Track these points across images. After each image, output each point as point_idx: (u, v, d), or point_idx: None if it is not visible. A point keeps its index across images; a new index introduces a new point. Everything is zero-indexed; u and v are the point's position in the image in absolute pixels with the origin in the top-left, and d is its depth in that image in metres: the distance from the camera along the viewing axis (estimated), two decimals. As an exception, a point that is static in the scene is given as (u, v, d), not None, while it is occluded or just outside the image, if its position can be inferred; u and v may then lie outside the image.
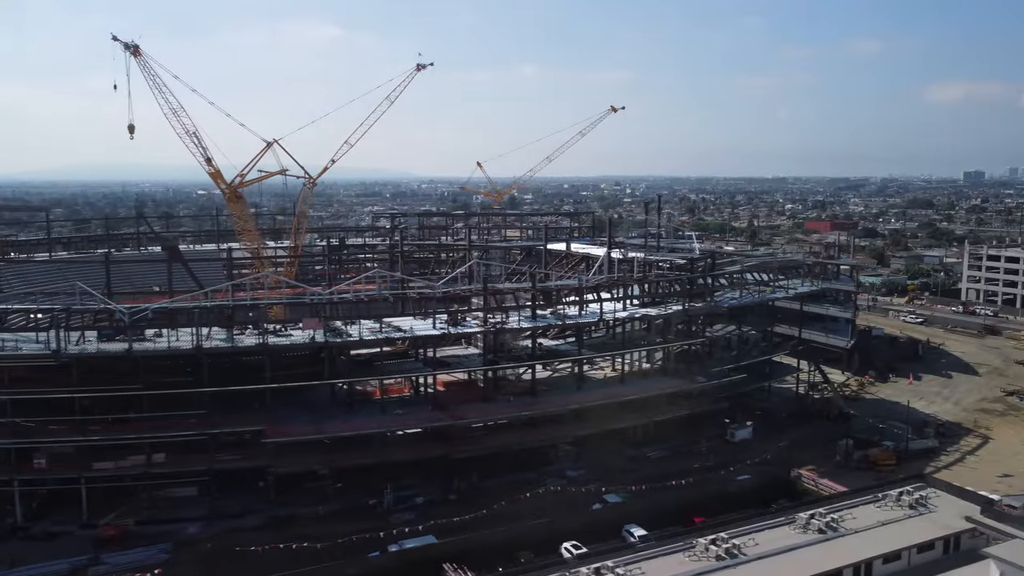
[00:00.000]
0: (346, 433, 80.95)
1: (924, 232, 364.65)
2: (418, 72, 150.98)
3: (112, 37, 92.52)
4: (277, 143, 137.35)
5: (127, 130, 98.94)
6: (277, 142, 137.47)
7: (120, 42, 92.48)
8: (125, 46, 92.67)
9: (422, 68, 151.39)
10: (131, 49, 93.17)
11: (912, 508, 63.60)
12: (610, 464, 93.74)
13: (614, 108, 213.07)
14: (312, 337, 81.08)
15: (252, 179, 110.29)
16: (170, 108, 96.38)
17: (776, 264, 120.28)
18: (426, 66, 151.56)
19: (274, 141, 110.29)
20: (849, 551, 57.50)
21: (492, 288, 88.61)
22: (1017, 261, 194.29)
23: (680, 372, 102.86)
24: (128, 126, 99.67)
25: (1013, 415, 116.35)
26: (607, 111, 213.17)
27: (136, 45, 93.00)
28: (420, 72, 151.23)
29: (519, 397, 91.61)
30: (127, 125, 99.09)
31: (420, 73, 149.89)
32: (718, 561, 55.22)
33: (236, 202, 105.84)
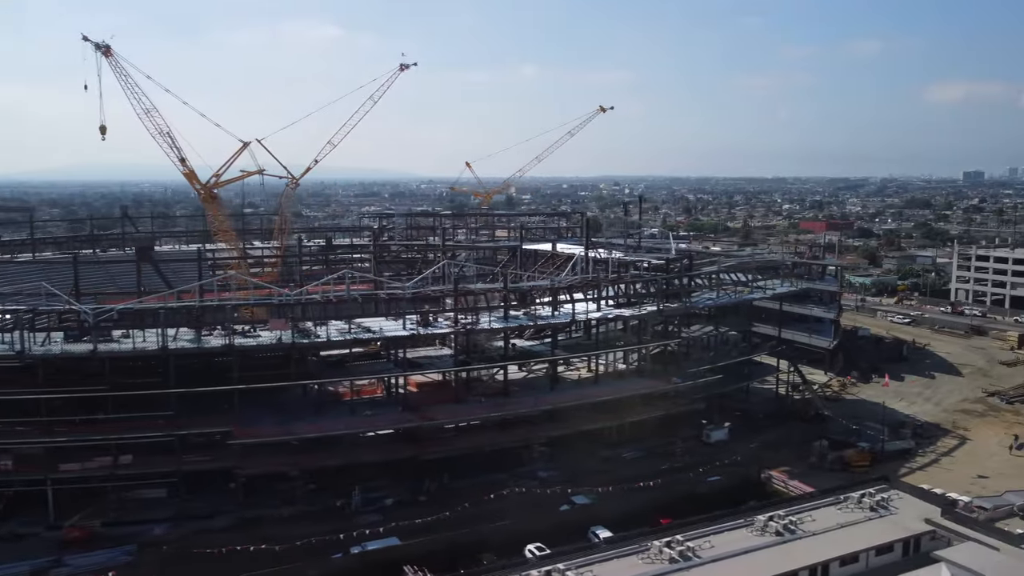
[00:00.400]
0: (313, 434, 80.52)
1: (919, 232, 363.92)
2: (401, 72, 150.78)
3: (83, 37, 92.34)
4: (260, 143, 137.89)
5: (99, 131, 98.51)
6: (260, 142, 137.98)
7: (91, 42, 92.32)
8: (96, 46, 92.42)
9: (405, 68, 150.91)
10: (102, 49, 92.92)
11: (873, 510, 63.25)
12: (584, 465, 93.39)
13: (603, 108, 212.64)
14: (279, 338, 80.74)
15: (228, 179, 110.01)
16: (143, 108, 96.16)
17: (754, 264, 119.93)
18: (409, 66, 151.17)
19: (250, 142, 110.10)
20: (805, 553, 57.17)
21: (463, 289, 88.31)
22: (1006, 261, 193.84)
23: (655, 373, 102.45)
24: (100, 127, 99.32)
25: (993, 416, 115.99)
26: (596, 111, 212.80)
27: (107, 45, 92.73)
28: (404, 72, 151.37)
29: (491, 398, 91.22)
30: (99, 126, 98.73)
31: (404, 73, 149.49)
32: (671, 564, 54.93)
33: (211, 202, 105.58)
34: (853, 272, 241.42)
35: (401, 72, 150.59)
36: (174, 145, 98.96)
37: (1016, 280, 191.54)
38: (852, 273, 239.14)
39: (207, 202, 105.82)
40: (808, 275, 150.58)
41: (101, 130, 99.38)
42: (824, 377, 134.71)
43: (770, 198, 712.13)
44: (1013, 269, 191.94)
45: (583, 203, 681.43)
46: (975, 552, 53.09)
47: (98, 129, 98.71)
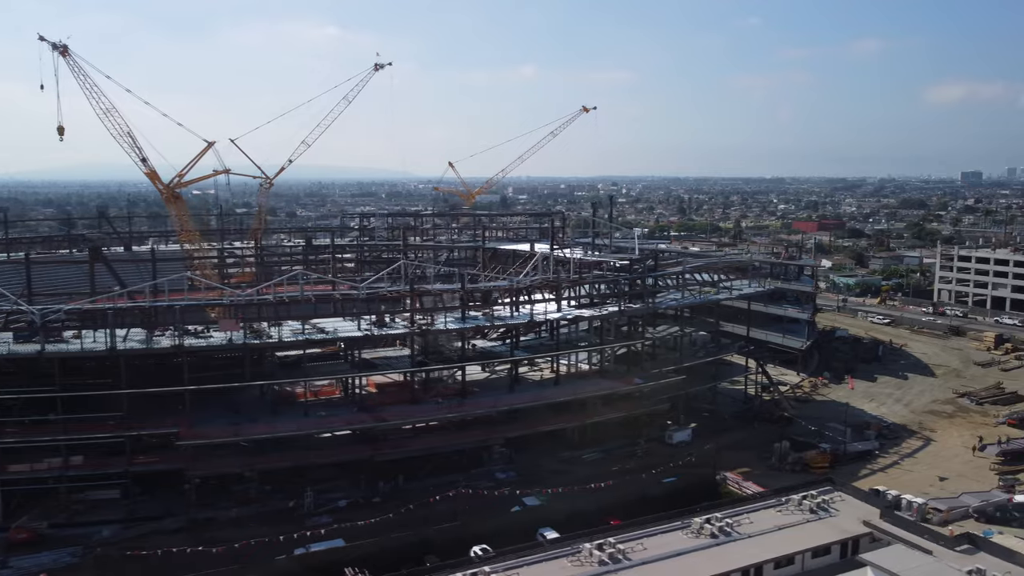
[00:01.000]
0: (263, 435, 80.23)
1: (909, 233, 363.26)
2: (376, 71, 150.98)
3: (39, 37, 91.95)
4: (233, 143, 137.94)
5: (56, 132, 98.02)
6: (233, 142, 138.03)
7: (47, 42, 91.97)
8: (53, 46, 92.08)
9: (380, 68, 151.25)
10: (59, 49, 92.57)
11: (813, 512, 62.86)
12: (543, 466, 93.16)
13: (586, 108, 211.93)
14: (230, 339, 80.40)
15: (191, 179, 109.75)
16: (102, 109, 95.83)
17: (721, 265, 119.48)
18: (383, 66, 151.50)
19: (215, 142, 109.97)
20: (739, 556, 56.78)
21: (419, 289, 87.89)
22: (987, 262, 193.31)
23: (617, 374, 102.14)
24: (57, 128, 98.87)
25: (961, 417, 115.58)
26: (579, 111, 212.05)
27: (65, 45, 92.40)
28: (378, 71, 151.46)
29: (449, 399, 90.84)
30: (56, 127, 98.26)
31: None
32: (600, 566, 54.56)
33: (174, 203, 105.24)
34: (838, 272, 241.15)
35: (376, 71, 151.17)
36: (135, 145, 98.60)
37: (997, 281, 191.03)
38: (837, 273, 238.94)
39: (170, 202, 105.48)
40: (784, 275, 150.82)
41: (59, 131, 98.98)
42: (797, 378, 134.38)
43: (766, 198, 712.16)
44: (994, 270, 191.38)
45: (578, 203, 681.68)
46: (902, 555, 52.73)
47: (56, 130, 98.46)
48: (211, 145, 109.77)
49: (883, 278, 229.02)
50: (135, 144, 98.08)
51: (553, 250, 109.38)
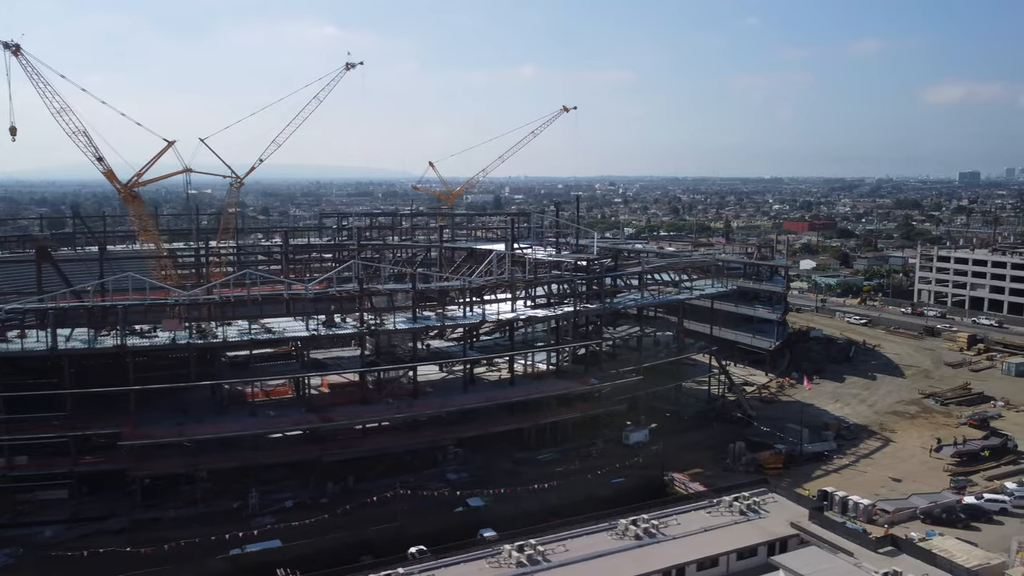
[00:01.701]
0: (207, 436, 80.00)
1: (899, 233, 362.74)
2: (347, 71, 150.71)
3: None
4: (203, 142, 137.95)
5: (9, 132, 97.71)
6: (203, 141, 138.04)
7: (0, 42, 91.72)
8: (5, 45, 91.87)
9: (352, 67, 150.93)
10: (12, 48, 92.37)
11: (742, 514, 62.75)
12: (497, 467, 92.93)
13: (566, 108, 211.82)
14: (173, 339, 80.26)
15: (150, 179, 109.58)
16: (55, 108, 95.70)
17: (683, 265, 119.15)
18: (355, 65, 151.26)
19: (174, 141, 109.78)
20: (661, 557, 56.73)
21: (369, 290, 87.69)
22: (966, 262, 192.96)
23: (575, 374, 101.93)
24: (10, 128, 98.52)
25: (924, 418, 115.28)
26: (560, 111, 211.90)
27: (17, 44, 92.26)
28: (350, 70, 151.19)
29: (400, 399, 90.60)
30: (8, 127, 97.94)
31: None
32: (518, 567, 54.49)
33: (132, 202, 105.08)
34: (821, 273, 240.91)
35: (347, 71, 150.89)
36: (90, 144, 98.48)
37: (976, 281, 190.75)
38: (819, 274, 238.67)
39: (128, 201, 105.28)
40: (756, 276, 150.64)
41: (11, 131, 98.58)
42: (765, 378, 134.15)
43: (762, 198, 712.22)
44: (973, 270, 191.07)
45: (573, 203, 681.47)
46: (814, 558, 52.61)
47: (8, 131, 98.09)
48: (171, 144, 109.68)
49: (865, 278, 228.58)
50: (90, 143, 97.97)
51: (513, 250, 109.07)
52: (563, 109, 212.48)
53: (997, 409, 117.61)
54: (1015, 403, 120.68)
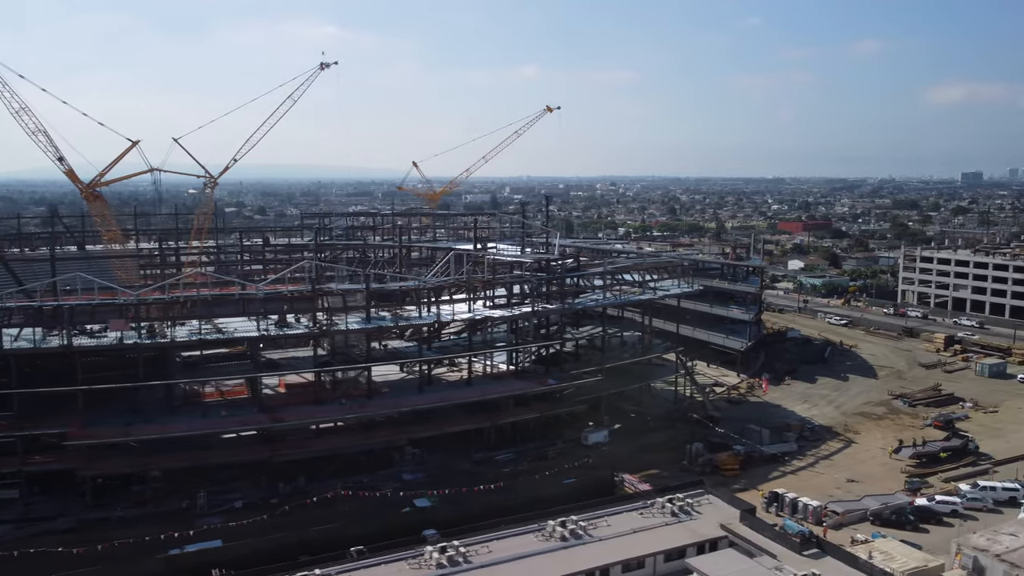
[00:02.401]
0: (154, 436, 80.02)
1: (892, 233, 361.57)
2: (321, 71, 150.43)
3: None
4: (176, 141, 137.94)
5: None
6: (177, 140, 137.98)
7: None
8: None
9: (325, 67, 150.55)
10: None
11: (674, 515, 62.46)
12: (453, 467, 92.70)
13: (550, 108, 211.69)
14: (121, 339, 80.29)
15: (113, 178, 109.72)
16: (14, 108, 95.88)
17: (647, 265, 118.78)
18: (329, 65, 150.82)
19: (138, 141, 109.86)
20: (585, 558, 56.50)
21: (321, 289, 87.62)
22: (948, 263, 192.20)
23: (535, 374, 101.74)
24: None
25: (890, 419, 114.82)
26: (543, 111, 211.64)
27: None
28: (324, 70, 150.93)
29: (355, 400, 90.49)
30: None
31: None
32: (438, 569, 54.30)
33: (94, 201, 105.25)
34: (806, 274, 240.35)
35: (321, 71, 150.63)
36: (51, 144, 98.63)
37: (958, 282, 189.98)
38: (805, 274, 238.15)
39: (90, 201, 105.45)
40: (732, 276, 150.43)
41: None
42: (736, 378, 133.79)
43: (762, 199, 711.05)
44: (955, 271, 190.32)
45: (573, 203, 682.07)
46: (728, 560, 52.36)
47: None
48: (135, 144, 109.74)
49: (851, 279, 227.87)
50: (50, 142, 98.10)
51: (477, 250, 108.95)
52: (546, 109, 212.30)
53: (964, 411, 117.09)
54: (983, 404, 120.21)
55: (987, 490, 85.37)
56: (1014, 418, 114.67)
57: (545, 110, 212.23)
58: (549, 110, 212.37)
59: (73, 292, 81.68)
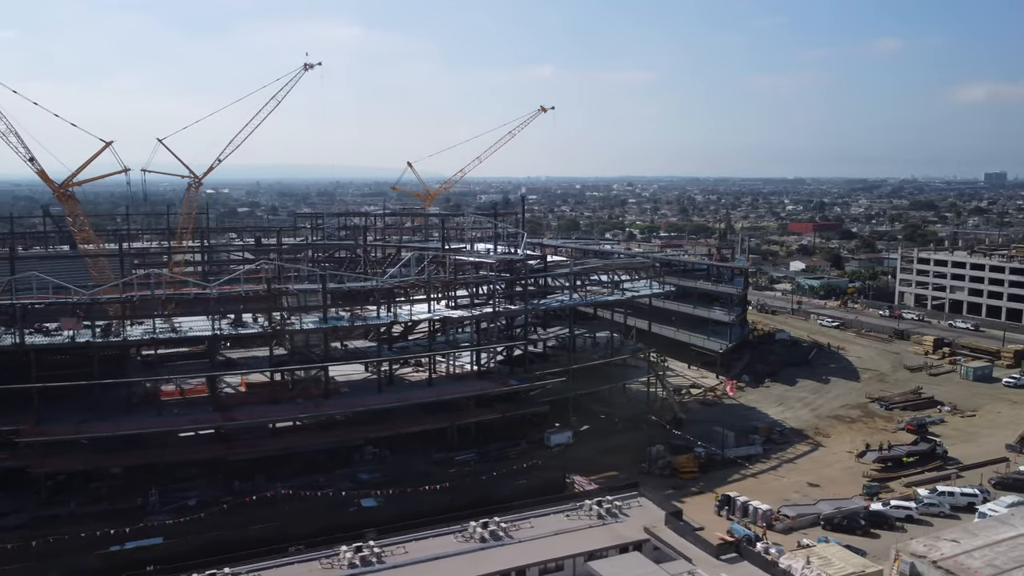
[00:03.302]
0: (106, 433, 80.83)
1: (902, 234, 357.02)
2: (305, 72, 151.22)
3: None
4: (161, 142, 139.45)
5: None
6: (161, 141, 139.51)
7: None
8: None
9: (309, 68, 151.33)
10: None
11: (600, 517, 62.10)
12: (412, 467, 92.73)
13: (544, 108, 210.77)
14: (73, 337, 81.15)
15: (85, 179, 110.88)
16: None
17: (615, 266, 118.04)
18: (313, 66, 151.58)
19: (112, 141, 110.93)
20: (501, 560, 56.29)
21: (276, 289, 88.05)
22: (945, 264, 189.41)
23: (499, 375, 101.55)
24: None
25: (863, 422, 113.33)
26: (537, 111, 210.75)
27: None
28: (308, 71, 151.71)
29: (313, 399, 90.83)
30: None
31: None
32: (349, 569, 54.37)
33: (67, 202, 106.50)
34: (805, 275, 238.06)
35: (305, 71, 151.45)
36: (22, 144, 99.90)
37: (955, 284, 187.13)
38: (804, 276, 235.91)
39: (63, 201, 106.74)
40: (716, 277, 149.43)
41: None
42: (715, 380, 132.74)
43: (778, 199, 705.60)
44: (952, 272, 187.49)
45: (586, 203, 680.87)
46: (630, 564, 51.99)
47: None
48: (108, 144, 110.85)
49: (850, 280, 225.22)
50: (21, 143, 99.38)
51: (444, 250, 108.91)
52: (540, 109, 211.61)
53: (941, 414, 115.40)
54: (962, 408, 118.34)
55: (945, 495, 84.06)
56: (991, 422, 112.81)
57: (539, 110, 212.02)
58: (543, 110, 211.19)
59: (28, 291, 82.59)
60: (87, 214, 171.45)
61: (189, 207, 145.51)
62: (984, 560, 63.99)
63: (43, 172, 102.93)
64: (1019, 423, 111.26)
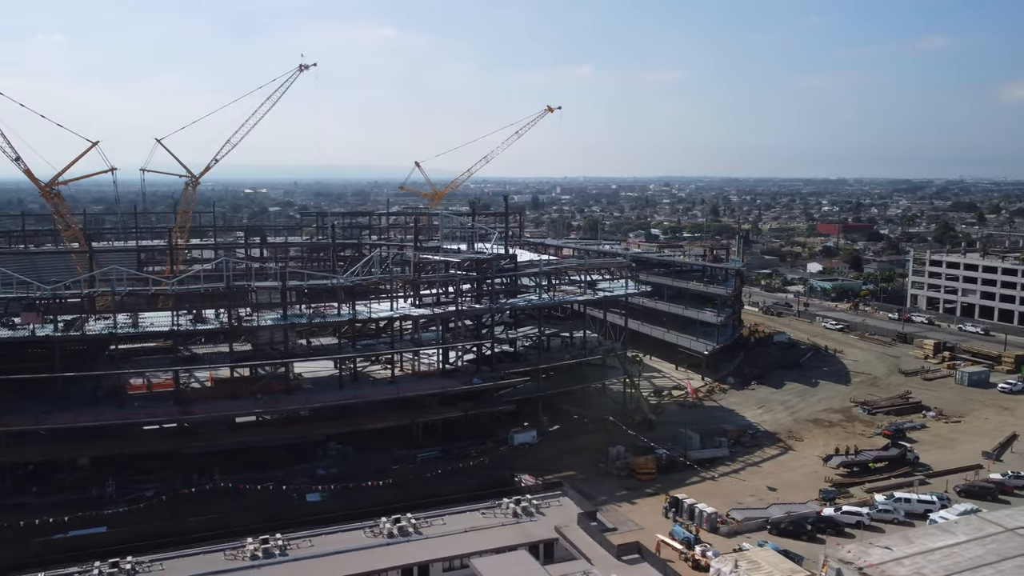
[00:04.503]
0: (64, 425, 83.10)
1: (932, 235, 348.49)
2: (300, 72, 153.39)
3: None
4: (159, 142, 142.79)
5: None
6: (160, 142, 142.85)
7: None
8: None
9: (304, 68, 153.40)
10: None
11: (515, 516, 62.14)
12: (372, 464, 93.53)
13: (550, 108, 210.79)
14: (33, 331, 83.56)
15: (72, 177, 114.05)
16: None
17: (587, 266, 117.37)
18: (308, 67, 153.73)
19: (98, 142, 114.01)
20: (407, 555, 56.68)
21: (236, 287, 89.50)
22: (957, 267, 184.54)
23: (464, 373, 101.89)
24: None
25: (841, 426, 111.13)
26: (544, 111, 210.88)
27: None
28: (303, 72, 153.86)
29: (273, 395, 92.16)
30: None
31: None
32: (252, 560, 55.20)
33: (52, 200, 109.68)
34: (818, 277, 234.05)
35: (300, 72, 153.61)
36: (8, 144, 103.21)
37: (967, 287, 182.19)
38: (817, 278, 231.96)
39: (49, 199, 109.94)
40: (710, 278, 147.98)
41: None
42: (700, 382, 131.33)
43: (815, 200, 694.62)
44: (964, 275, 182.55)
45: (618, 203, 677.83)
46: (512, 563, 51.97)
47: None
48: (94, 145, 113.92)
49: (864, 282, 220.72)
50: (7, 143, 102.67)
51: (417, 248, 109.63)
52: (547, 109, 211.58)
53: (924, 420, 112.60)
54: (948, 414, 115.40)
55: (901, 502, 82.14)
56: (975, 428, 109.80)
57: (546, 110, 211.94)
58: (550, 110, 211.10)
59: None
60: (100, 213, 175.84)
61: (186, 206, 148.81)
62: (912, 568, 62.51)
63: (29, 171, 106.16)
64: (1004, 430, 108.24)
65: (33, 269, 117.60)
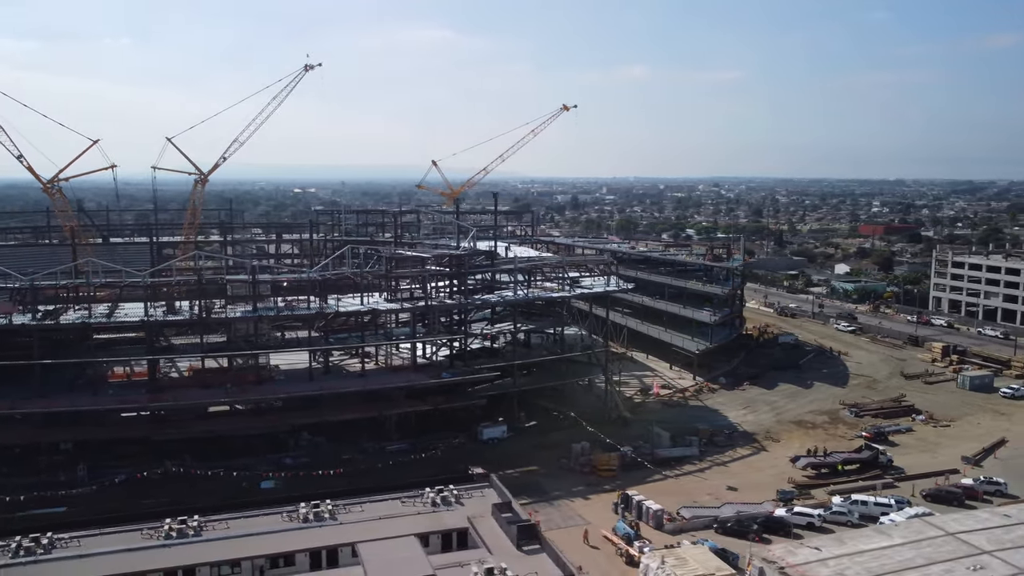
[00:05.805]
0: (37, 410, 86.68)
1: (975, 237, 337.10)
2: (306, 72, 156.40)
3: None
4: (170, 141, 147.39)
5: None
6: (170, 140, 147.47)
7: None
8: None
9: (310, 68, 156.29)
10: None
11: (434, 505, 62.84)
12: (341, 455, 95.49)
13: (566, 107, 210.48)
14: (10, 320, 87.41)
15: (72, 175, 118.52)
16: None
17: (565, 263, 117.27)
18: (314, 66, 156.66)
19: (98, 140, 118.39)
20: (314, 539, 57.86)
21: (207, 280, 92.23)
22: (980, 269, 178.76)
23: (436, 368, 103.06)
24: None
25: (824, 428, 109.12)
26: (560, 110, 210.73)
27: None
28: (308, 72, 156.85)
29: (244, 385, 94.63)
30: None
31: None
32: (165, 539, 57.14)
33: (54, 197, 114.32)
34: (841, 278, 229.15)
35: (306, 72, 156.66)
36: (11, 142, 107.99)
37: (989, 289, 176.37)
38: (839, 279, 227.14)
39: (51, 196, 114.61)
40: (708, 277, 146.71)
41: None
42: (691, 381, 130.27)
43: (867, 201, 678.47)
44: (986, 277, 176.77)
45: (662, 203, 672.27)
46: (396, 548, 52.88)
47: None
48: (95, 143, 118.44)
49: (888, 284, 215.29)
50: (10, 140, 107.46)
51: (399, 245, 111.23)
52: (563, 108, 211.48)
53: (912, 423, 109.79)
54: (939, 417, 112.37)
55: (857, 504, 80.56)
56: (964, 433, 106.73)
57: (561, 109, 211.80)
58: (565, 108, 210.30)
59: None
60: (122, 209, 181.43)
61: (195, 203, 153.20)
62: (836, 569, 61.31)
63: (31, 168, 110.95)
64: (994, 435, 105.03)
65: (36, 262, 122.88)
